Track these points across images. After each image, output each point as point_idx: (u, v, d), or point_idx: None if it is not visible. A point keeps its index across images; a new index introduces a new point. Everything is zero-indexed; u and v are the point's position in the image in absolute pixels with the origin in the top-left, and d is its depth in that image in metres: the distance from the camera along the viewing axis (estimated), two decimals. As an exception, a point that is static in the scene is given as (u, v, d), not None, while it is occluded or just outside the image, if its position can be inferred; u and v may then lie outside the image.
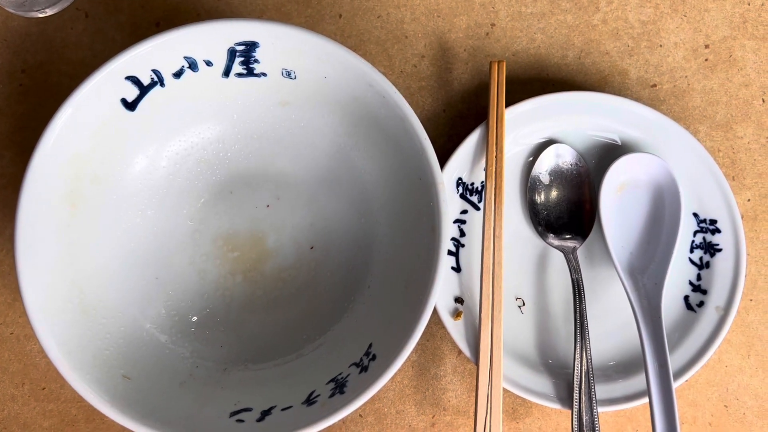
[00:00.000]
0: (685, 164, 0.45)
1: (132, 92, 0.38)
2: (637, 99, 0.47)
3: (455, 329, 0.43)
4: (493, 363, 0.42)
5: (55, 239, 0.38)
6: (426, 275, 0.38)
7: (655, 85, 0.48)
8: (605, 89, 0.48)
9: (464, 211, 0.45)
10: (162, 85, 0.39)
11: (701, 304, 0.45)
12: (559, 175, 0.45)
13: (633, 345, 0.45)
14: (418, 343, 0.38)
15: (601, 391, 0.43)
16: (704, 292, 0.45)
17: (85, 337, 0.37)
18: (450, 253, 0.45)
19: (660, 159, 0.44)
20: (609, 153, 0.45)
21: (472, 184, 0.45)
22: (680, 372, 0.43)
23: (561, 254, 0.45)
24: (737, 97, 0.48)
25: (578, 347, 0.43)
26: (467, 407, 0.46)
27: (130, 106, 0.39)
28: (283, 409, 0.38)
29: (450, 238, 0.45)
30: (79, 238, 0.39)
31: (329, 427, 0.37)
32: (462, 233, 0.45)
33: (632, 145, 0.45)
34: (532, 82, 0.47)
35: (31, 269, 0.36)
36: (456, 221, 0.45)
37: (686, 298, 0.45)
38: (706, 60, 0.48)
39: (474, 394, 0.45)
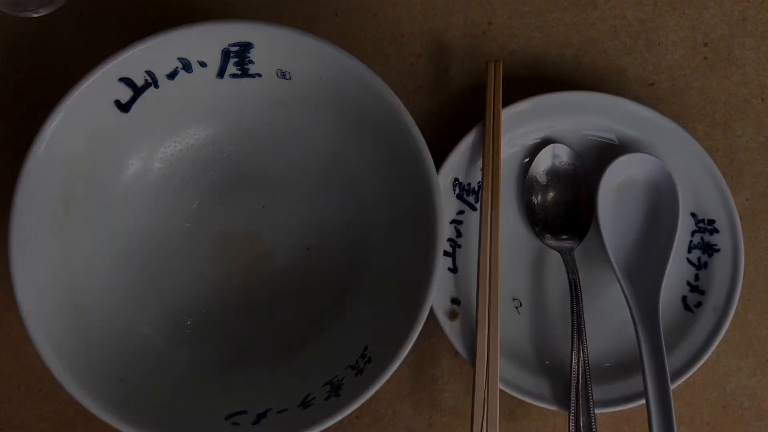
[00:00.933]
0: (683, 164, 0.44)
1: (125, 94, 0.38)
2: (635, 98, 0.46)
3: (452, 330, 0.43)
4: (490, 364, 0.42)
5: (50, 241, 0.38)
6: (422, 277, 0.38)
7: (653, 84, 0.48)
8: (603, 88, 0.47)
9: (461, 212, 0.45)
10: (156, 86, 0.39)
11: (699, 304, 0.45)
12: (556, 176, 0.45)
13: (630, 346, 0.44)
14: (414, 344, 0.38)
15: (599, 392, 0.43)
16: (702, 292, 0.45)
17: (80, 340, 0.37)
18: (446, 253, 0.44)
19: (658, 159, 0.44)
20: (606, 153, 0.45)
21: (469, 184, 0.45)
22: (678, 373, 0.43)
23: (558, 255, 0.45)
24: (736, 95, 0.48)
25: (575, 348, 0.43)
26: (464, 408, 0.46)
27: (124, 107, 0.39)
28: (278, 412, 0.38)
29: (446, 238, 0.44)
30: (73, 240, 0.39)
31: (325, 429, 0.37)
32: (458, 234, 0.45)
33: (630, 145, 0.45)
34: (529, 81, 0.47)
35: (25, 272, 0.36)
36: (452, 222, 0.45)
37: (684, 298, 0.45)
38: (705, 58, 0.48)
39: (471, 395, 0.45)
